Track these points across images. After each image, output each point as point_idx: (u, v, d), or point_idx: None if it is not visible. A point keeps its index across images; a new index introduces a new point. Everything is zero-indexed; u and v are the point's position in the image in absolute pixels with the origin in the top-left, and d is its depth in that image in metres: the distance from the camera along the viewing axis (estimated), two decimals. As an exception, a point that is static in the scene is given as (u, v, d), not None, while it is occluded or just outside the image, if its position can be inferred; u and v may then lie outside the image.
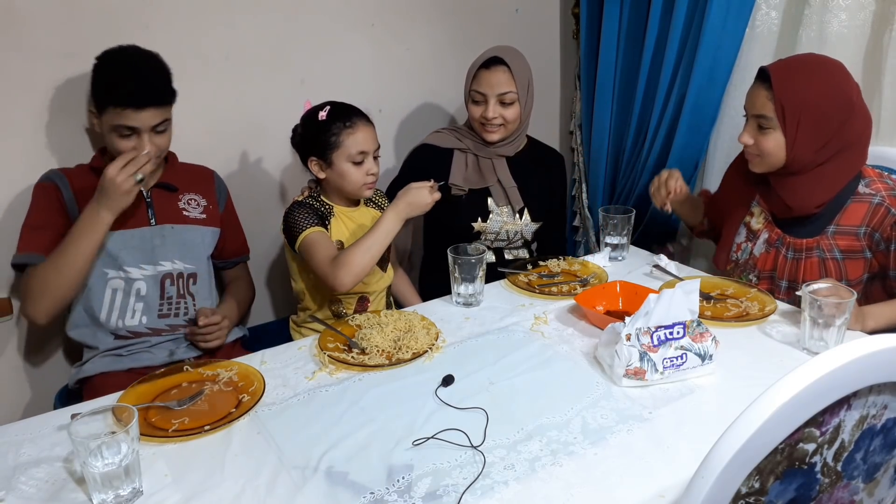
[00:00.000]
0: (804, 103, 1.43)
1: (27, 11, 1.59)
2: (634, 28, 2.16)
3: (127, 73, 1.47)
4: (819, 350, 1.30)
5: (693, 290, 1.25)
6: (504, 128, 1.89)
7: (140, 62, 1.50)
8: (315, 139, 1.63)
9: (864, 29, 1.74)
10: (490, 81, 1.84)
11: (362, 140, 1.61)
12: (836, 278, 1.51)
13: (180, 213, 1.63)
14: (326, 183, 1.68)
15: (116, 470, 0.94)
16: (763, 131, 1.49)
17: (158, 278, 1.59)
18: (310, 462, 1.04)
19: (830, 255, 1.52)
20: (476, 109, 1.88)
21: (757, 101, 1.49)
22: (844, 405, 0.72)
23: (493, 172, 1.94)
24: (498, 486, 0.98)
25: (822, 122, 1.43)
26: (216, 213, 1.71)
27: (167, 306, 1.61)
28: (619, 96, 2.27)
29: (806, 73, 1.45)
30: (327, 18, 2.01)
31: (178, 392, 1.23)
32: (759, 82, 1.50)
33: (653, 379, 1.22)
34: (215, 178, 1.76)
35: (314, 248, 1.56)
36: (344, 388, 1.25)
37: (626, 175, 2.31)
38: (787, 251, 1.58)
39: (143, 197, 1.57)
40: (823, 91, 1.43)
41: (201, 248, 1.66)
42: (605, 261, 1.81)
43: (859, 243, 1.50)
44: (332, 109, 1.62)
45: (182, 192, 1.65)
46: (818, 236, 1.53)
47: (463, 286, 1.58)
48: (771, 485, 0.71)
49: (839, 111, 1.43)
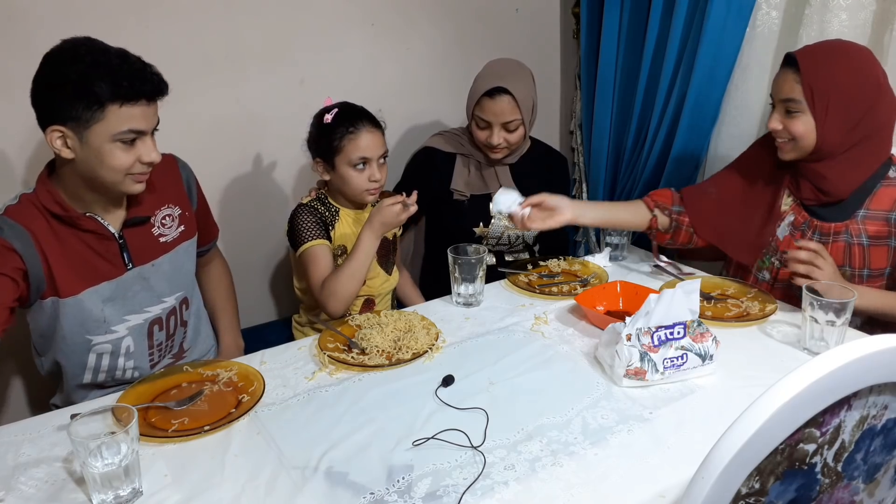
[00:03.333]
0: (833, 85, 1.43)
1: (27, 11, 1.59)
2: (635, 28, 2.16)
3: (125, 61, 1.21)
4: (819, 350, 1.30)
5: (693, 290, 1.24)
6: (508, 149, 1.89)
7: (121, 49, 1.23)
8: (320, 141, 1.63)
9: (864, 29, 1.74)
10: (494, 110, 1.81)
11: (364, 146, 1.60)
12: (858, 265, 1.50)
13: (157, 244, 1.41)
14: (331, 184, 1.68)
15: (116, 470, 0.94)
16: (791, 115, 1.48)
17: (145, 328, 1.42)
18: (310, 462, 1.04)
19: (857, 239, 1.50)
20: (480, 134, 1.87)
21: (785, 85, 1.48)
22: (845, 405, 0.72)
23: (495, 179, 1.94)
24: (498, 487, 0.98)
25: (851, 105, 1.43)
26: (192, 217, 1.51)
27: (157, 354, 1.48)
28: (619, 96, 2.27)
29: (834, 57, 1.45)
30: (327, 18, 2.01)
31: (177, 392, 1.23)
32: (786, 67, 1.49)
33: (653, 379, 1.22)
34: (179, 165, 1.51)
35: (312, 265, 1.60)
36: (344, 389, 1.25)
37: (626, 175, 2.31)
38: (813, 234, 1.55)
39: (115, 239, 1.34)
40: (852, 74, 1.43)
41: (188, 265, 1.52)
42: (605, 261, 1.81)
43: (887, 229, 1.49)
44: (339, 112, 1.61)
45: (153, 212, 1.41)
46: (848, 220, 1.51)
47: (463, 286, 1.58)
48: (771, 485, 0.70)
49: (867, 94, 1.44)
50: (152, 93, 1.23)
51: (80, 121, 1.18)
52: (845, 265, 1.51)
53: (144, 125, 1.23)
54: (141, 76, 1.21)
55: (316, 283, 1.59)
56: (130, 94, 1.19)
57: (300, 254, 1.62)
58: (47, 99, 1.20)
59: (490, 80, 1.82)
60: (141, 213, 1.39)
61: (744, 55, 1.95)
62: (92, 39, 1.23)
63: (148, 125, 1.25)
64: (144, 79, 1.22)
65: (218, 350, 1.68)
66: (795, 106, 1.46)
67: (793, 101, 1.46)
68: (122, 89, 1.18)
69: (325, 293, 1.56)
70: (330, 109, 1.63)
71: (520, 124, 1.84)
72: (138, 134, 1.23)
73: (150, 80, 1.22)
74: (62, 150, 1.21)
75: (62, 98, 1.18)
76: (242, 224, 2.00)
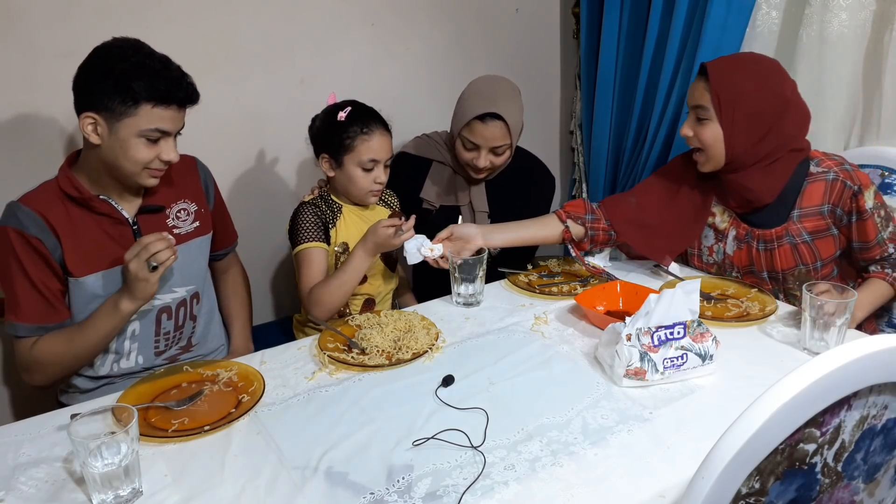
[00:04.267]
0: (738, 95, 1.49)
1: (26, 11, 1.59)
2: (635, 27, 2.16)
3: (166, 67, 1.31)
4: (819, 350, 1.30)
5: (693, 290, 1.24)
6: (491, 170, 1.84)
7: (164, 56, 1.34)
8: (330, 137, 1.61)
9: (864, 28, 1.74)
10: (484, 135, 1.74)
11: (376, 148, 1.60)
12: (810, 261, 1.55)
13: (171, 234, 1.41)
14: (334, 182, 1.68)
15: (116, 470, 0.94)
16: (701, 122, 1.55)
17: (153, 315, 1.46)
18: (310, 462, 1.04)
19: (800, 238, 1.55)
20: (466, 155, 1.79)
21: (695, 92, 1.55)
22: (845, 405, 0.72)
23: (466, 193, 1.89)
24: (498, 487, 0.98)
25: (756, 115, 1.49)
26: (207, 215, 1.57)
27: (164, 342, 1.50)
28: (619, 96, 2.27)
29: (741, 68, 1.52)
30: (327, 18, 2.02)
31: (177, 392, 1.23)
32: (700, 76, 1.56)
33: (653, 379, 1.21)
34: (198, 167, 1.60)
35: (305, 267, 1.61)
36: (344, 389, 1.25)
37: (626, 175, 2.31)
38: (757, 244, 1.60)
39: (129, 224, 1.41)
40: (758, 85, 1.49)
41: (200, 261, 1.55)
42: (605, 261, 1.81)
43: (824, 221, 1.54)
44: (353, 111, 1.60)
45: (169, 204, 1.48)
46: (785, 223, 1.56)
47: (463, 286, 1.58)
48: (771, 485, 0.70)
49: (773, 105, 1.49)
50: (184, 100, 1.33)
51: (113, 112, 1.28)
52: (798, 264, 1.56)
53: (170, 127, 1.33)
54: (177, 83, 1.32)
55: (304, 286, 1.60)
56: (164, 97, 1.29)
57: (296, 253, 1.63)
58: (88, 87, 1.30)
59: (482, 103, 1.73)
60: (155, 202, 1.46)
61: (744, 55, 1.95)
62: (140, 42, 1.33)
63: (174, 127, 1.34)
64: (180, 86, 1.32)
65: (228, 352, 1.69)
66: (704, 113, 1.53)
67: (702, 108, 1.53)
68: (157, 92, 1.28)
69: (311, 299, 1.57)
70: (343, 107, 1.61)
71: (507, 148, 1.79)
72: (163, 134, 1.33)
73: (184, 88, 1.33)
74: (91, 136, 1.30)
75: (102, 89, 1.27)
76: (241, 224, 1.99)
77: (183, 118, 1.36)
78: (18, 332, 1.35)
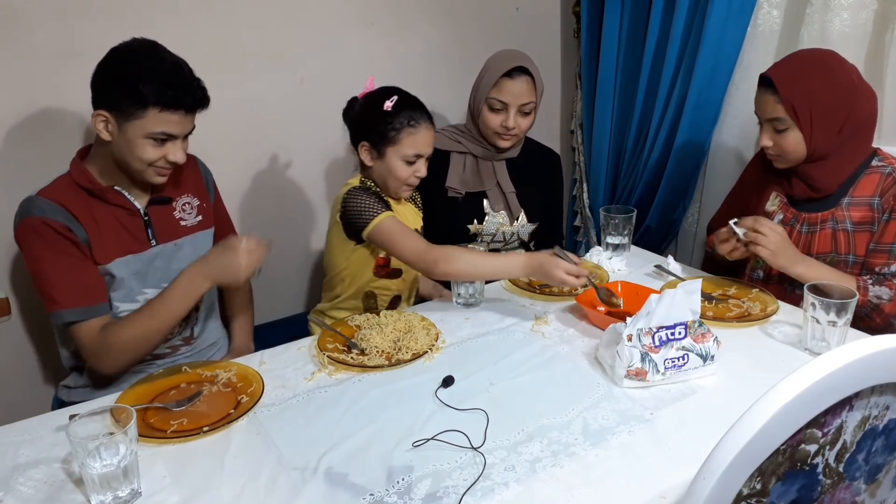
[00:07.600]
0: (810, 97, 1.47)
1: (27, 11, 1.59)
2: (635, 27, 2.16)
3: (177, 71, 1.34)
4: (821, 350, 1.30)
5: (695, 290, 1.24)
6: (517, 136, 1.89)
7: (178, 60, 1.36)
8: (373, 126, 1.55)
9: (865, 28, 1.74)
10: (513, 91, 1.80)
11: (422, 143, 1.56)
12: (844, 251, 1.54)
13: (178, 226, 1.51)
14: (371, 171, 1.61)
15: (115, 471, 0.94)
16: (780, 133, 1.53)
17: None
18: (309, 463, 1.04)
19: (842, 225, 1.54)
20: (494, 118, 1.84)
21: (767, 106, 1.53)
22: (846, 406, 0.71)
23: (492, 176, 1.93)
24: (498, 488, 0.98)
25: (832, 111, 1.48)
26: (209, 210, 1.60)
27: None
28: (620, 95, 2.27)
29: (804, 69, 1.50)
30: (327, 18, 2.01)
31: (176, 393, 1.23)
32: (763, 88, 1.54)
33: (654, 380, 1.21)
34: (198, 163, 1.62)
35: (395, 234, 1.50)
36: (343, 389, 1.24)
37: (627, 174, 2.31)
38: (801, 227, 1.60)
39: (140, 215, 1.46)
40: (824, 83, 1.48)
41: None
42: (605, 261, 1.81)
43: (871, 214, 1.53)
44: (400, 100, 1.54)
45: (175, 197, 1.53)
46: (833, 208, 1.56)
47: (463, 286, 1.57)
48: (773, 486, 0.70)
49: (845, 96, 1.48)
50: (192, 105, 1.35)
51: (123, 113, 1.31)
52: (832, 251, 1.55)
53: (178, 130, 1.35)
54: (186, 88, 1.33)
55: (412, 252, 1.48)
56: (172, 102, 1.31)
57: (373, 229, 1.51)
58: (101, 86, 1.33)
59: (508, 62, 1.81)
60: (163, 194, 1.50)
61: (745, 55, 1.95)
62: (157, 45, 1.35)
63: (181, 131, 1.37)
64: (188, 91, 1.34)
65: (229, 351, 1.69)
66: (781, 124, 1.52)
67: (778, 120, 1.52)
68: (165, 97, 1.30)
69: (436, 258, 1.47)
70: (388, 95, 1.55)
71: (533, 108, 1.85)
72: (170, 136, 1.35)
73: (193, 93, 1.34)
74: (102, 132, 1.34)
75: (114, 90, 1.31)
76: (241, 224, 2.00)
77: (192, 121, 1.38)
78: (66, 318, 1.35)
